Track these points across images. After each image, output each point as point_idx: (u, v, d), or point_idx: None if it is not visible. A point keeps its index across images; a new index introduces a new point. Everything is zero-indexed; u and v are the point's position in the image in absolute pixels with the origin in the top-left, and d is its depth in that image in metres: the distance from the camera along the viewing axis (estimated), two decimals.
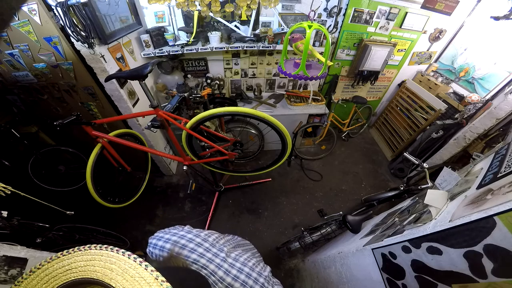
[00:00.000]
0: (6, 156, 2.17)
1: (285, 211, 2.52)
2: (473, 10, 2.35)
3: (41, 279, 0.40)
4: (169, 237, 0.75)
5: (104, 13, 1.54)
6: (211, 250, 0.73)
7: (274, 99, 2.82)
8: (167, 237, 0.75)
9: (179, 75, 2.47)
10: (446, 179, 1.07)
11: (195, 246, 0.72)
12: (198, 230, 0.82)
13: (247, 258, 0.78)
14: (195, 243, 0.73)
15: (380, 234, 1.12)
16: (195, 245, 0.73)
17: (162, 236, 0.76)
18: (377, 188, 2.79)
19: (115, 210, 1.80)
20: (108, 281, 0.40)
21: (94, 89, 1.83)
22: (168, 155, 1.91)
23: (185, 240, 0.74)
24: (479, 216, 0.63)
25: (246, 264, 0.74)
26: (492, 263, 0.60)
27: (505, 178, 0.72)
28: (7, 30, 1.45)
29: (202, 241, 0.75)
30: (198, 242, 0.74)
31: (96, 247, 0.44)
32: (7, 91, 1.95)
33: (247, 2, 1.80)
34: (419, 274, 0.83)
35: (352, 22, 2.36)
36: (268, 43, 2.23)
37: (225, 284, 0.68)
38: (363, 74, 2.75)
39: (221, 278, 0.68)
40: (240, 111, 1.50)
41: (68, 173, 2.50)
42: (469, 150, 2.18)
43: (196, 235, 0.77)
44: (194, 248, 0.72)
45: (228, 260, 0.73)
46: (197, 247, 0.72)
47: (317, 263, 1.68)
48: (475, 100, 2.21)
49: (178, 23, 2.20)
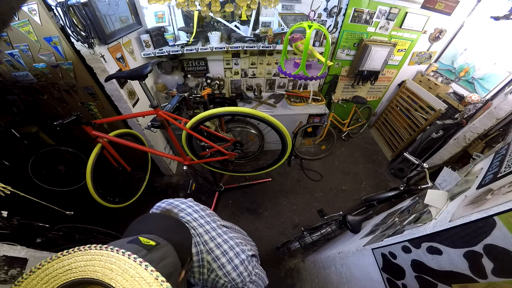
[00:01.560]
0: (6, 156, 2.17)
1: (285, 211, 2.52)
2: (473, 10, 2.35)
3: (41, 279, 0.40)
4: (172, 201, 0.80)
5: (104, 13, 1.54)
6: (205, 218, 0.79)
7: (274, 99, 2.82)
8: (170, 201, 0.80)
9: (179, 75, 2.47)
10: (446, 179, 1.07)
11: (191, 211, 0.78)
12: (199, 204, 0.86)
13: (236, 237, 0.84)
14: (192, 209, 0.79)
15: (380, 234, 1.12)
16: (192, 210, 0.78)
17: (166, 200, 0.81)
18: (377, 188, 2.79)
19: (115, 210, 1.81)
20: (108, 281, 0.39)
21: (94, 89, 1.83)
22: (168, 155, 1.91)
23: (184, 205, 0.79)
24: (479, 216, 0.63)
25: (233, 239, 0.80)
26: (492, 263, 0.60)
27: (505, 178, 0.72)
28: (7, 30, 1.45)
29: (200, 210, 0.81)
30: (196, 210, 0.79)
31: (96, 247, 0.44)
32: (7, 91, 1.95)
33: (247, 2, 1.80)
34: (419, 274, 0.83)
35: (352, 22, 2.36)
36: (268, 43, 2.23)
37: (207, 248, 0.73)
38: (363, 74, 2.75)
39: (205, 242, 0.74)
40: (240, 111, 1.50)
41: (68, 173, 2.50)
42: (469, 150, 2.18)
43: (197, 204, 0.83)
44: (190, 212, 0.77)
45: (218, 230, 0.79)
46: (193, 213, 0.78)
47: (317, 263, 1.68)
48: (475, 100, 2.21)
49: (178, 23, 2.20)
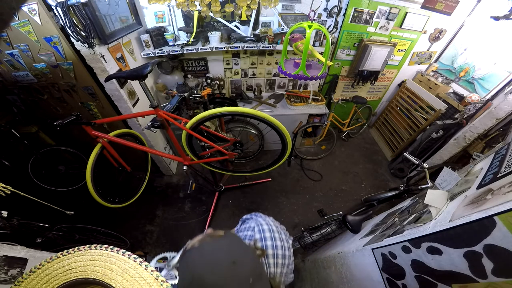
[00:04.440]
0: (6, 156, 2.17)
1: (285, 211, 2.52)
2: (473, 10, 2.35)
3: (41, 279, 0.40)
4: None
5: (104, 13, 1.54)
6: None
7: (274, 99, 2.82)
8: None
9: (179, 75, 2.47)
10: (446, 179, 1.07)
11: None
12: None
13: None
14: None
15: (380, 234, 1.12)
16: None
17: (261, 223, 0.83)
18: (377, 188, 2.79)
19: (115, 210, 1.81)
20: (108, 281, 0.40)
21: (94, 89, 1.83)
22: (168, 155, 1.91)
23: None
24: (479, 216, 0.63)
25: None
26: (492, 263, 0.60)
27: (505, 178, 0.72)
28: (7, 30, 1.45)
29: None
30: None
31: (96, 247, 0.44)
32: (7, 91, 1.95)
33: (247, 2, 1.80)
34: (419, 274, 0.83)
35: (352, 22, 2.36)
36: (268, 43, 2.23)
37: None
38: (363, 74, 2.75)
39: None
40: (240, 111, 1.50)
41: (68, 173, 2.50)
42: (469, 150, 2.18)
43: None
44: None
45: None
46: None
47: (317, 263, 1.68)
48: (475, 100, 2.21)
49: (178, 23, 2.20)
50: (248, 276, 0.48)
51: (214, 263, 0.47)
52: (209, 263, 0.47)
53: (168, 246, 2.22)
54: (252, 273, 0.50)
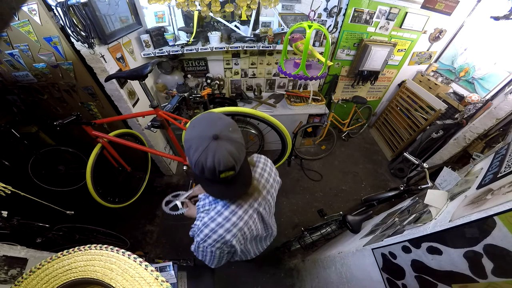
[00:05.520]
0: (6, 156, 2.17)
1: (285, 211, 2.52)
2: (473, 10, 2.35)
3: (41, 279, 0.40)
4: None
5: (104, 13, 1.54)
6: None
7: (274, 99, 2.82)
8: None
9: (179, 75, 2.47)
10: (446, 179, 1.07)
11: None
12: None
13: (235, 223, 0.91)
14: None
15: (380, 234, 1.13)
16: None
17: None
18: (377, 188, 2.79)
19: (115, 210, 1.81)
20: (108, 281, 0.40)
21: (94, 89, 1.83)
22: (168, 155, 1.91)
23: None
24: (479, 216, 0.63)
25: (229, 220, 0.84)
26: (492, 263, 0.60)
27: (505, 178, 0.72)
28: (7, 30, 1.45)
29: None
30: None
31: (96, 247, 0.44)
32: (7, 91, 1.95)
33: (247, 2, 1.80)
34: (419, 274, 0.83)
35: (352, 22, 2.36)
36: (268, 43, 2.23)
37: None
38: (363, 74, 2.75)
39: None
40: (240, 111, 1.50)
41: (68, 173, 2.50)
42: (469, 150, 2.18)
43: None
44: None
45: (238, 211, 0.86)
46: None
47: (317, 263, 1.68)
48: (475, 100, 2.21)
49: (178, 23, 2.20)
50: (229, 125, 0.66)
51: (208, 114, 0.70)
52: (204, 115, 0.70)
53: (168, 246, 2.22)
54: (233, 126, 0.68)
